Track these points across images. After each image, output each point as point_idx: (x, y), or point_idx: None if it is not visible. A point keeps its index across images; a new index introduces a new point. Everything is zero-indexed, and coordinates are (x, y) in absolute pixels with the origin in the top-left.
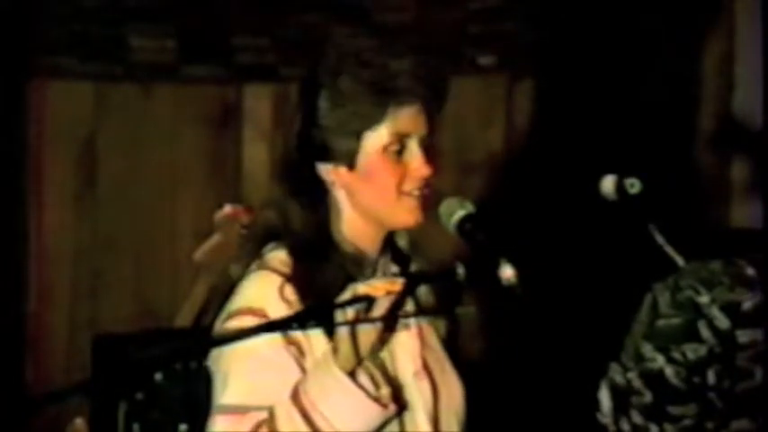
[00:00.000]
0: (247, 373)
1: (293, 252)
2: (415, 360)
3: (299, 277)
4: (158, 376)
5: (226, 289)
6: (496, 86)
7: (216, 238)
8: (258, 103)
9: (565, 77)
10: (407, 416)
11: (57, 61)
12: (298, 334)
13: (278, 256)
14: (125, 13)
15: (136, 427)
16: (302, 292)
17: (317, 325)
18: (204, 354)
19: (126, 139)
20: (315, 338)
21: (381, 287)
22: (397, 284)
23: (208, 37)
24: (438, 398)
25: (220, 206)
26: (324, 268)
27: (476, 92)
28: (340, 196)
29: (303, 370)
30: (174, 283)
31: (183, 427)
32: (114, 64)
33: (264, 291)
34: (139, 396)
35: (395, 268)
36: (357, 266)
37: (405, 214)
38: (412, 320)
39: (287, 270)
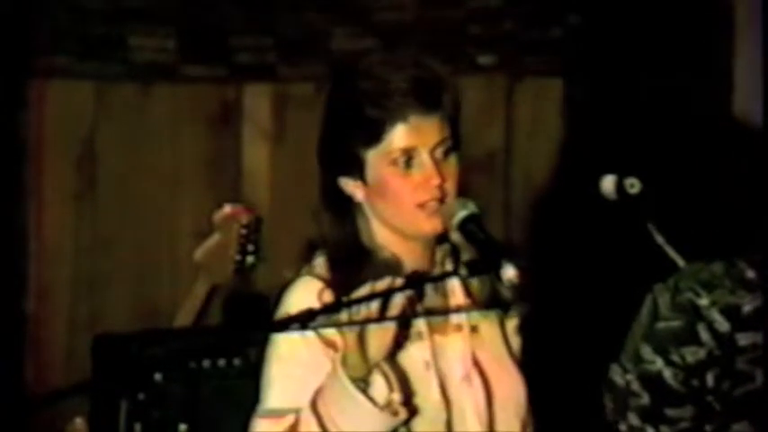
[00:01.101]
0: (287, 378)
1: (330, 259)
2: (464, 362)
3: (336, 283)
4: (158, 376)
5: (275, 295)
6: (496, 86)
7: (216, 238)
8: (258, 102)
9: (565, 78)
10: (456, 419)
11: (57, 61)
12: (334, 335)
13: (321, 263)
14: (125, 13)
15: (137, 427)
16: (339, 297)
17: (324, 326)
18: (204, 354)
19: (126, 138)
20: (351, 338)
21: (381, 285)
22: (398, 282)
23: (208, 37)
24: (492, 399)
25: (220, 206)
26: (357, 274)
27: (476, 92)
28: (364, 207)
29: None
30: (174, 283)
31: (182, 426)
32: (114, 64)
33: (304, 297)
34: (141, 396)
35: (450, 265)
36: (393, 272)
37: (422, 224)
38: (464, 321)
39: (328, 276)
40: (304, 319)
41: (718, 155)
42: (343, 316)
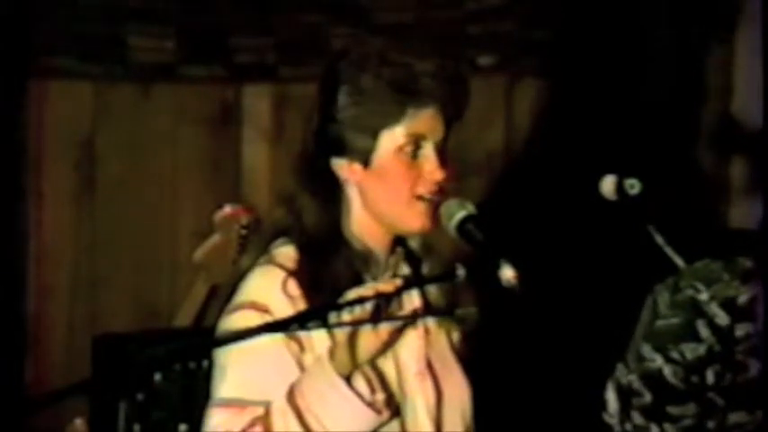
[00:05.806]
0: (246, 368)
1: (301, 247)
2: (419, 360)
3: (304, 272)
4: (158, 376)
5: (232, 283)
6: (496, 86)
7: (216, 238)
8: (258, 102)
9: (565, 78)
10: (409, 415)
11: (57, 61)
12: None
13: (285, 252)
14: (125, 13)
15: (136, 427)
16: (307, 286)
17: (318, 326)
18: (204, 354)
19: (125, 138)
20: (316, 335)
21: (372, 288)
22: (391, 286)
23: (207, 37)
24: (441, 398)
25: (220, 206)
26: (331, 263)
27: (476, 92)
28: (352, 193)
29: (302, 367)
30: (174, 283)
31: (182, 427)
32: (114, 64)
33: (267, 285)
34: (140, 396)
35: (406, 269)
36: (365, 263)
37: (413, 219)
38: (419, 321)
39: (292, 265)
40: (303, 320)
41: (717, 156)
42: (333, 314)
